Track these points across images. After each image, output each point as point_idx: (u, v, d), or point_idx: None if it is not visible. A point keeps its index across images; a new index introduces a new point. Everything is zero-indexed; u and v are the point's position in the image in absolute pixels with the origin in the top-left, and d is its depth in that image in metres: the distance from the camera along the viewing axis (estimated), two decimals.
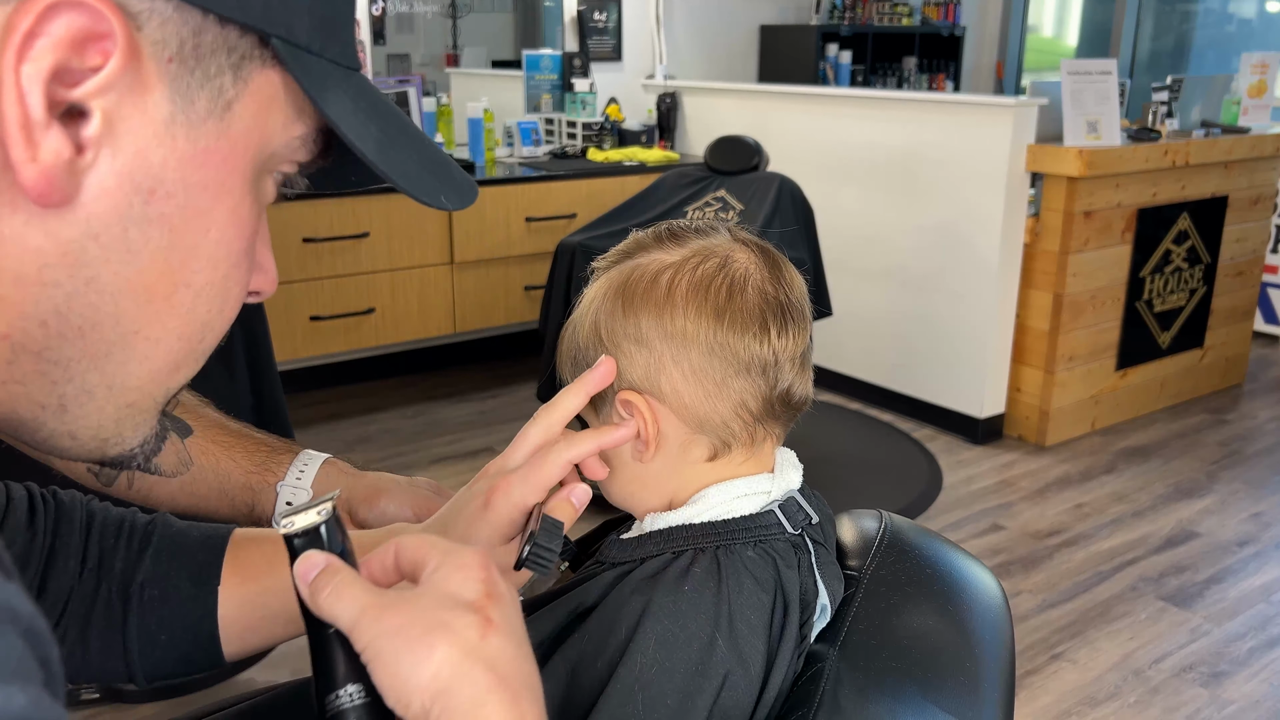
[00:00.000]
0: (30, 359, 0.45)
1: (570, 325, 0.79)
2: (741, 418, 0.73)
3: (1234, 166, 3.80)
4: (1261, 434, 3.67)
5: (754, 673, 0.69)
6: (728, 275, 0.73)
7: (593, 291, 0.77)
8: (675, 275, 0.73)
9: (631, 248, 0.77)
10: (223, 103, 0.45)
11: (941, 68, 5.93)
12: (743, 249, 0.75)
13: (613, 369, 0.73)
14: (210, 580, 0.74)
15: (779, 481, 0.76)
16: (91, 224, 0.43)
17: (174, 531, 0.76)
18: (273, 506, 0.90)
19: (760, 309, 0.72)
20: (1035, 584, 2.63)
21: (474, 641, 0.48)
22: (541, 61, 4.24)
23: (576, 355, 0.77)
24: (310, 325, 3.29)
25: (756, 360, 0.72)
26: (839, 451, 3.49)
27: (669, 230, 0.77)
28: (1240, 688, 2.22)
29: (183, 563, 0.74)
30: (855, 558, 0.80)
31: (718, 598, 0.69)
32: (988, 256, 3.39)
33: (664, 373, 0.72)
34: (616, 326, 0.74)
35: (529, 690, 0.50)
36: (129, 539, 0.74)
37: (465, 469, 3.25)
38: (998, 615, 0.77)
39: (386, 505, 0.89)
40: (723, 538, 0.72)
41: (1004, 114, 3.30)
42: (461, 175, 0.56)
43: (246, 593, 0.74)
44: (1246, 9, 6.04)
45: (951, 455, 3.42)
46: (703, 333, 0.71)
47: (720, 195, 3.29)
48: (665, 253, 0.75)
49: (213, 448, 0.89)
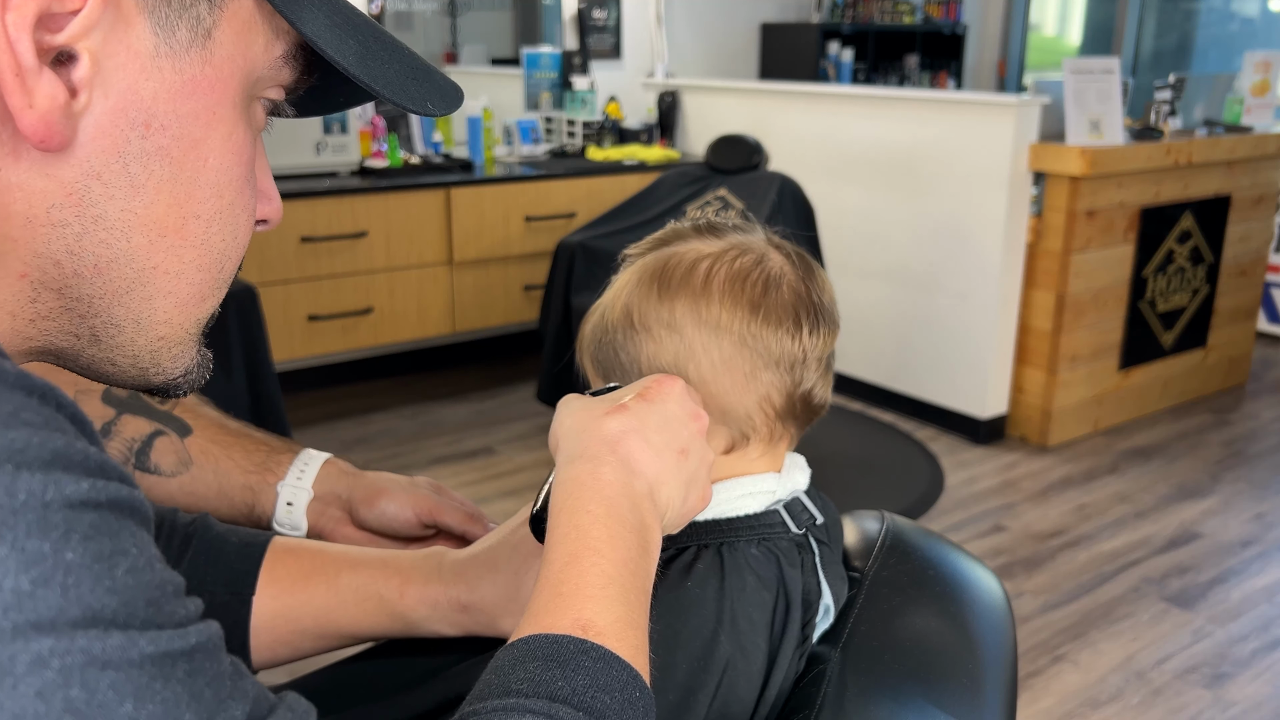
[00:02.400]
0: (52, 295, 0.47)
1: (597, 310, 0.79)
2: (765, 411, 0.74)
3: (1237, 166, 3.79)
4: (1265, 434, 3.65)
5: (755, 666, 0.69)
6: (764, 271, 0.74)
7: (625, 277, 0.78)
8: (714, 265, 0.74)
9: (669, 236, 0.78)
10: (202, 30, 0.46)
11: (943, 66, 5.92)
12: (778, 251, 0.77)
13: None
14: (246, 590, 0.73)
15: (785, 482, 0.76)
16: (92, 163, 0.45)
17: (213, 535, 0.75)
18: (272, 506, 0.90)
19: (794, 306, 0.73)
20: (1037, 585, 2.62)
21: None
22: (541, 59, 4.24)
23: (602, 339, 0.77)
24: (308, 325, 3.28)
25: (786, 355, 0.73)
26: (840, 452, 3.48)
27: (709, 223, 0.78)
28: (1243, 689, 2.21)
29: (220, 569, 0.73)
30: (857, 559, 0.80)
31: (720, 594, 0.69)
32: (990, 256, 3.38)
33: (693, 360, 0.73)
34: (650, 310, 0.74)
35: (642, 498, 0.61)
36: (169, 539, 0.74)
37: (464, 469, 3.24)
38: (1000, 616, 0.77)
39: (387, 505, 0.89)
40: (726, 535, 0.73)
41: (1006, 113, 3.29)
42: (445, 80, 0.55)
43: (281, 606, 0.73)
44: (1249, 8, 6.03)
45: (953, 456, 3.41)
46: (737, 323, 0.72)
47: (721, 194, 3.28)
48: (703, 243, 0.76)
49: (212, 447, 0.89)
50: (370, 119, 3.69)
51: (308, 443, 1.00)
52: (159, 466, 0.87)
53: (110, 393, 0.88)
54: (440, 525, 0.90)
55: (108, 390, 0.88)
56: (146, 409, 0.88)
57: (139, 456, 0.86)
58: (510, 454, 3.36)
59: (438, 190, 3.45)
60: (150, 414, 0.88)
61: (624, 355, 0.76)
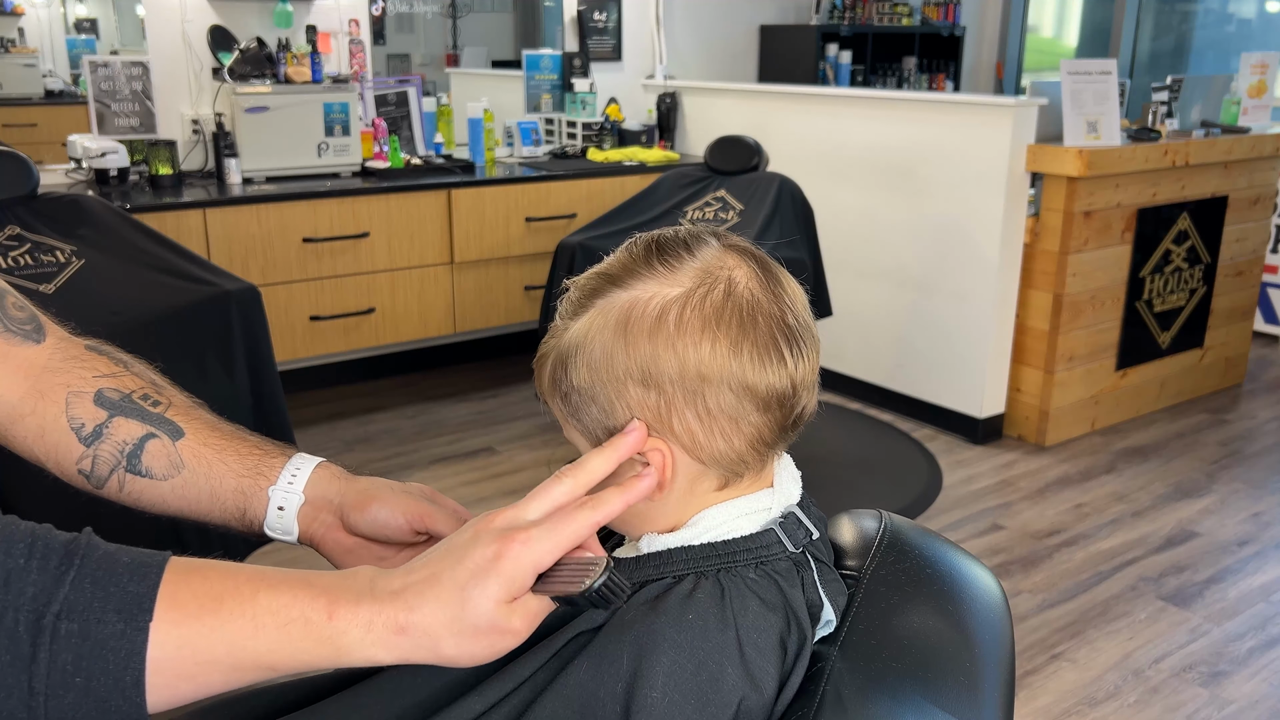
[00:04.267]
0: None
1: (556, 355, 0.73)
2: (757, 450, 0.71)
3: (1234, 166, 3.80)
4: (1261, 434, 3.67)
5: (768, 694, 0.68)
6: (736, 305, 0.69)
7: (585, 325, 0.71)
8: (682, 311, 0.68)
9: (618, 272, 0.72)
10: None
11: (941, 68, 5.92)
12: (738, 262, 0.71)
13: (643, 436, 0.70)
14: (141, 615, 0.62)
15: (779, 497, 0.75)
16: None
17: (100, 554, 0.63)
18: (264, 511, 0.88)
19: (772, 337, 0.69)
20: (1035, 584, 2.63)
21: None
22: (541, 61, 4.24)
23: (570, 393, 0.72)
24: (310, 325, 3.29)
25: (775, 394, 0.69)
26: (839, 451, 3.49)
27: (658, 249, 0.71)
28: (1240, 687, 2.22)
29: (109, 593, 0.62)
30: (855, 558, 0.79)
31: (723, 624, 0.68)
32: (988, 256, 3.39)
33: (675, 414, 0.69)
34: (619, 367, 0.69)
35: None
36: (44, 558, 0.61)
37: (465, 469, 3.25)
38: (997, 615, 0.77)
39: (379, 510, 0.87)
40: (724, 560, 0.71)
41: (1004, 114, 3.30)
42: None
43: (185, 634, 0.62)
44: (1246, 9, 6.04)
45: (951, 455, 3.42)
46: (718, 373, 0.68)
47: (720, 195, 3.29)
48: (662, 283, 0.70)
49: (205, 450, 0.88)
50: (372, 120, 3.71)
51: (310, 442, 1.00)
52: (150, 470, 0.86)
53: (102, 394, 0.86)
54: (432, 532, 0.88)
55: (99, 392, 0.86)
56: (139, 412, 0.86)
57: (130, 459, 0.85)
58: (511, 453, 3.37)
59: (439, 191, 3.46)
60: (143, 417, 0.86)
61: (595, 408, 0.72)
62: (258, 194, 3.17)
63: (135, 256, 2.35)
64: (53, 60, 3.67)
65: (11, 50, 3.60)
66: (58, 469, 0.86)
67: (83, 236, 2.34)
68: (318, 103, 3.42)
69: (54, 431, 0.85)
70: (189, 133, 3.53)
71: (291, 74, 3.45)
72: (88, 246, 2.31)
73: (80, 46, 3.68)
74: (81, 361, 0.88)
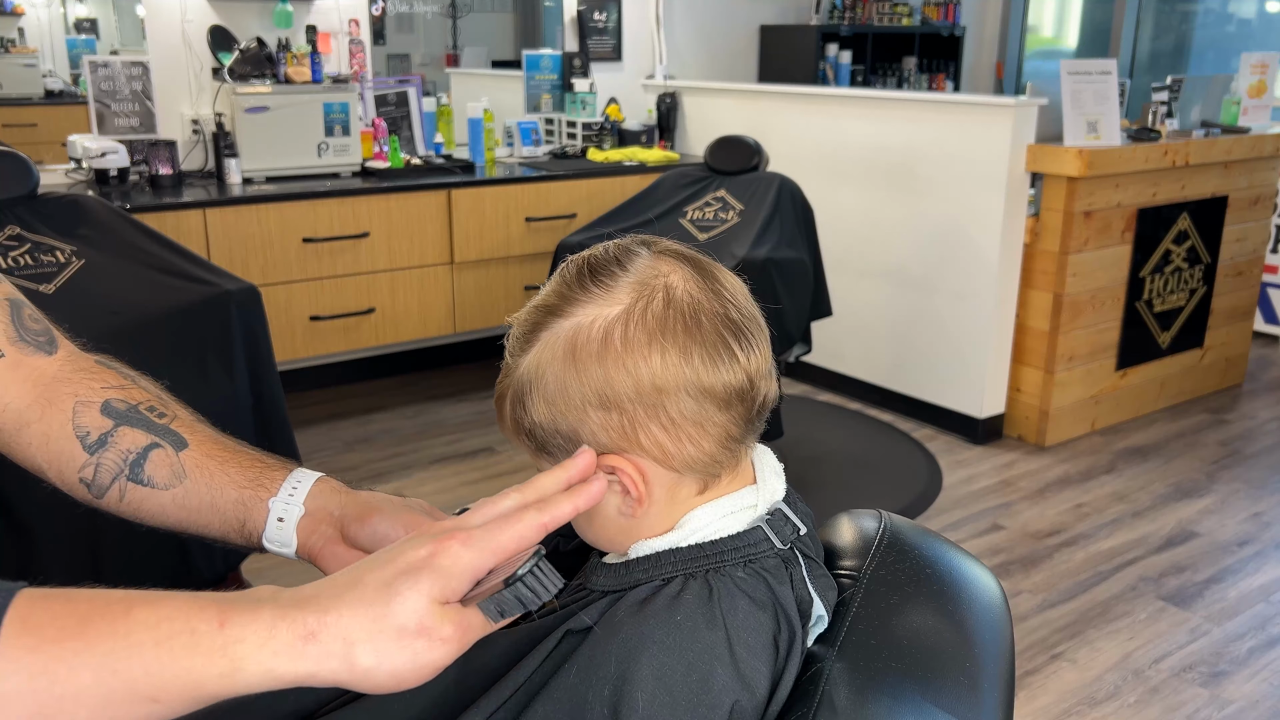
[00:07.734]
0: None
1: (513, 394, 0.74)
2: (727, 447, 0.71)
3: (1234, 166, 3.80)
4: (1261, 434, 3.67)
5: (760, 695, 0.68)
6: (677, 311, 0.68)
7: (533, 360, 0.71)
8: (625, 329, 0.68)
9: (555, 301, 0.71)
10: None
11: (941, 68, 5.93)
12: (672, 267, 0.71)
13: (592, 460, 0.70)
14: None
15: (763, 493, 0.75)
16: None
17: None
18: (263, 522, 0.88)
19: (719, 335, 0.69)
20: (1035, 584, 2.63)
21: None
22: (541, 61, 4.25)
23: (533, 429, 0.73)
24: (310, 325, 3.29)
25: (733, 391, 0.69)
26: (838, 451, 3.49)
27: (590, 270, 0.71)
28: (1240, 687, 2.22)
29: None
30: (854, 558, 0.79)
31: (712, 624, 0.67)
32: (988, 256, 3.39)
33: (640, 430, 0.69)
34: (575, 396, 0.69)
35: None
36: None
37: (465, 469, 3.25)
38: (997, 615, 0.77)
39: (379, 524, 0.88)
40: (711, 560, 0.71)
41: (1004, 114, 3.30)
42: None
43: (40, 660, 0.54)
44: (1246, 9, 6.04)
45: (951, 455, 3.42)
46: (673, 382, 0.68)
47: (720, 195, 3.29)
48: (600, 305, 0.69)
49: (207, 462, 0.88)
50: (372, 120, 3.71)
51: (310, 442, 1.00)
52: (153, 479, 0.87)
53: (109, 404, 0.87)
54: None
55: (107, 402, 0.87)
56: (145, 422, 0.88)
57: (134, 468, 0.86)
58: (511, 453, 3.37)
59: (439, 191, 3.46)
60: (148, 427, 0.87)
61: (560, 439, 0.72)
62: (258, 194, 3.17)
63: (135, 256, 2.35)
64: (53, 60, 3.68)
65: (11, 50, 3.60)
66: (58, 477, 0.87)
67: (83, 236, 2.34)
68: (318, 103, 3.42)
69: (59, 439, 0.86)
70: (189, 133, 3.53)
71: (291, 74, 3.45)
72: (88, 246, 2.31)
73: (80, 46, 3.69)
74: (91, 373, 0.89)
